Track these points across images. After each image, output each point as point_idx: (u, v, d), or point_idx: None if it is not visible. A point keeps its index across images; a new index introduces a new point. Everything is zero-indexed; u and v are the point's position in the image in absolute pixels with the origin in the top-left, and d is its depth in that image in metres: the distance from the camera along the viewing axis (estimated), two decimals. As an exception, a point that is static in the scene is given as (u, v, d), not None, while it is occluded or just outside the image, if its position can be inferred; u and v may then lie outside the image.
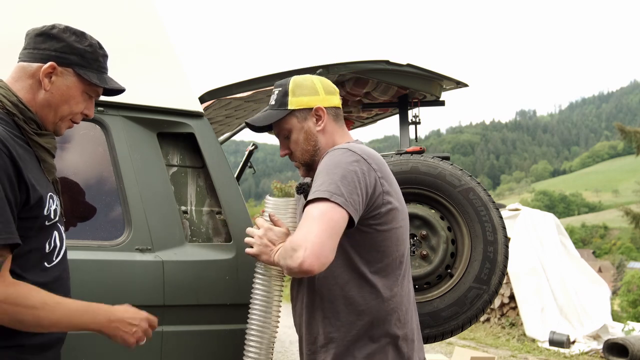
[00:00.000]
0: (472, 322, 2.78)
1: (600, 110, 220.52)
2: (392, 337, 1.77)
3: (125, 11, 2.36)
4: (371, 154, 1.80)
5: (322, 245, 1.60)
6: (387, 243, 1.78)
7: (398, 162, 2.86)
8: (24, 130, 1.52)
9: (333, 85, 1.97)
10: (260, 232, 1.85)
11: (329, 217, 1.63)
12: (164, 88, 2.25)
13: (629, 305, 20.76)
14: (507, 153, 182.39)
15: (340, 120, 1.94)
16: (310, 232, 1.62)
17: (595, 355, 7.92)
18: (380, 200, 1.75)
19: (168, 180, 2.18)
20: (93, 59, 1.59)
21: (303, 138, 1.89)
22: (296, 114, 1.88)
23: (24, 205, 1.45)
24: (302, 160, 1.92)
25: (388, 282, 1.78)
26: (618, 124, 16.20)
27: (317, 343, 1.80)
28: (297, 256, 1.60)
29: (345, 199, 1.65)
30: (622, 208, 16.23)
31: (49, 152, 1.59)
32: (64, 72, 1.56)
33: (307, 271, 1.61)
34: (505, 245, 2.83)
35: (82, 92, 1.60)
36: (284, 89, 1.91)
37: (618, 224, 66.37)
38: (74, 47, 1.56)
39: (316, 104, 1.88)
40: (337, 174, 1.69)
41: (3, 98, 1.52)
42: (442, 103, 3.42)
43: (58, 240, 1.58)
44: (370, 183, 1.73)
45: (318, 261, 1.60)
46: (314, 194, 1.68)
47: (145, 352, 1.98)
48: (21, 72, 1.56)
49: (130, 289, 1.98)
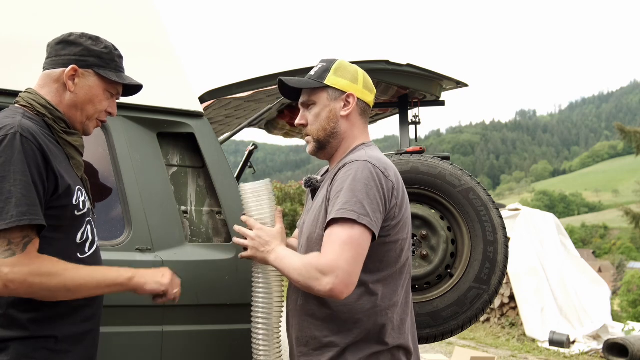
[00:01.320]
0: (472, 322, 2.78)
1: (600, 110, 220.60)
2: (388, 346, 1.76)
3: (125, 11, 2.36)
4: (388, 165, 1.80)
5: (352, 274, 1.66)
6: (392, 254, 1.79)
7: (398, 162, 2.86)
8: (53, 130, 1.64)
9: (373, 85, 1.97)
10: (252, 234, 1.86)
11: (359, 243, 1.67)
12: (164, 88, 2.25)
13: (629, 305, 20.78)
14: (507, 153, 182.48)
15: (365, 118, 1.94)
16: (342, 258, 1.65)
17: (595, 355, 7.92)
18: (393, 214, 1.77)
19: (168, 180, 2.18)
20: (110, 59, 1.72)
21: (326, 116, 1.88)
22: (329, 90, 1.89)
23: (53, 194, 1.54)
24: (316, 136, 1.90)
25: (388, 292, 1.78)
26: (618, 124, 16.20)
27: (311, 346, 1.80)
28: (326, 282, 1.64)
29: (371, 218, 1.68)
30: (622, 208, 16.22)
31: (77, 150, 1.70)
32: (85, 73, 1.68)
33: (335, 297, 1.67)
34: (505, 245, 2.83)
35: (104, 90, 1.72)
36: (328, 66, 1.92)
37: (618, 224, 66.41)
38: (91, 50, 1.69)
39: (351, 91, 1.89)
40: (362, 192, 1.70)
41: (32, 101, 1.64)
42: (442, 103, 3.42)
43: (90, 233, 1.68)
44: (388, 197, 1.74)
45: (347, 289, 1.66)
46: (339, 212, 1.69)
47: (145, 352, 1.98)
48: (47, 79, 1.68)
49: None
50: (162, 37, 2.37)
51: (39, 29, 1.73)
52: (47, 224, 1.51)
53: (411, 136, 3.40)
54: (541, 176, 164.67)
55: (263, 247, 1.83)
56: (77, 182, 1.64)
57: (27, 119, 1.57)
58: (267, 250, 1.82)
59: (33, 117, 1.61)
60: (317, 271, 1.66)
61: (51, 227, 1.53)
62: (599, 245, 69.62)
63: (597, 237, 77.35)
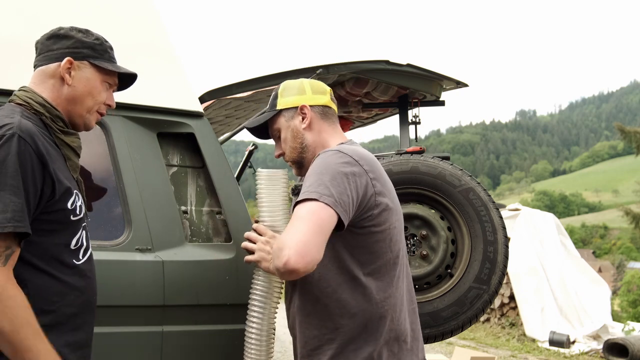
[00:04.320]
0: (472, 322, 2.78)
1: (600, 110, 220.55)
2: (386, 339, 1.76)
3: (125, 11, 2.36)
4: (363, 155, 1.79)
5: (307, 243, 1.58)
6: (381, 244, 1.77)
7: (398, 162, 2.86)
8: (51, 129, 1.59)
9: (324, 86, 2.00)
10: (263, 239, 1.84)
11: (317, 216, 1.62)
12: (164, 88, 2.25)
13: (629, 305, 20.78)
14: (507, 153, 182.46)
15: (329, 119, 1.96)
16: (296, 231, 1.61)
17: (595, 355, 7.92)
18: (373, 202, 1.75)
19: (168, 180, 2.18)
20: (102, 50, 1.69)
21: (290, 136, 1.93)
22: (284, 113, 1.95)
23: (50, 199, 1.50)
24: (291, 158, 1.96)
25: (382, 284, 1.77)
26: (618, 124, 16.20)
27: (311, 346, 1.80)
28: (282, 255, 1.58)
29: (335, 199, 1.65)
30: (622, 208, 16.22)
31: (75, 151, 1.66)
32: (80, 65, 1.65)
33: (292, 270, 1.58)
34: (505, 245, 2.83)
35: (101, 81, 1.68)
36: (275, 93, 1.99)
37: (618, 224, 66.39)
38: (83, 41, 1.66)
39: (301, 103, 1.93)
40: (327, 175, 1.69)
41: (29, 100, 1.60)
42: (442, 103, 3.43)
43: (85, 240, 1.62)
44: (361, 185, 1.72)
45: (303, 260, 1.57)
46: (303, 195, 1.68)
47: (145, 352, 1.98)
48: (41, 75, 1.64)
49: (130, 289, 1.98)
50: (162, 37, 2.37)
51: (40, 30, 1.72)
52: (42, 228, 1.47)
53: (411, 136, 3.40)
54: (541, 176, 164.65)
55: (269, 255, 1.80)
56: (74, 185, 1.60)
57: (26, 118, 1.53)
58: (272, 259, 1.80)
59: (31, 117, 1.56)
60: (277, 249, 1.62)
61: (46, 232, 1.49)
62: (599, 245, 69.60)
63: (597, 237, 77.32)
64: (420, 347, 1.88)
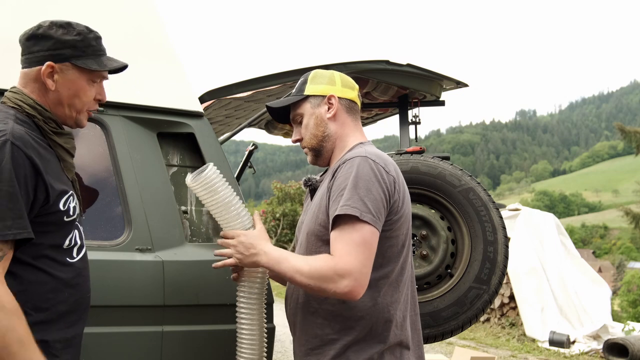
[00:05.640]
0: (472, 322, 2.79)
1: (600, 110, 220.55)
2: (390, 344, 1.76)
3: (126, 11, 2.36)
4: (388, 160, 1.81)
5: (367, 275, 1.68)
6: (394, 249, 1.78)
7: (398, 162, 2.86)
8: (44, 131, 1.57)
9: (353, 82, 2.00)
10: (234, 242, 1.82)
11: (370, 243, 1.68)
12: (164, 88, 2.25)
13: (629, 305, 20.77)
14: (507, 153, 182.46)
15: (354, 114, 1.96)
16: (357, 260, 1.66)
17: (595, 355, 7.92)
18: (395, 208, 1.77)
19: (168, 180, 2.18)
20: (86, 45, 1.61)
21: (313, 123, 1.92)
22: (310, 99, 1.93)
23: (44, 205, 1.49)
24: (309, 145, 1.93)
25: (390, 289, 1.77)
26: (618, 124, 16.21)
27: (312, 344, 1.79)
28: (345, 284, 1.65)
29: (373, 215, 1.68)
30: (622, 208, 16.24)
31: (68, 152, 1.64)
32: (62, 67, 1.58)
33: (352, 299, 1.69)
34: (505, 245, 2.83)
35: (87, 81, 1.62)
36: (305, 78, 1.98)
37: (618, 224, 66.40)
38: (64, 41, 1.58)
39: (330, 93, 1.92)
40: (363, 188, 1.70)
41: (21, 102, 1.57)
42: (442, 103, 3.43)
43: (78, 238, 1.62)
44: (391, 192, 1.75)
45: (363, 290, 1.68)
46: (342, 209, 1.68)
47: (145, 352, 1.98)
48: (26, 78, 1.60)
49: (130, 289, 1.98)
50: (162, 37, 2.37)
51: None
52: (35, 230, 1.47)
53: (411, 136, 3.40)
54: (541, 176, 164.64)
55: (248, 250, 1.79)
56: (68, 186, 1.59)
57: (19, 123, 1.51)
58: (253, 253, 1.78)
59: (24, 119, 1.54)
60: (334, 273, 1.66)
61: (39, 233, 1.48)
62: (599, 245, 69.59)
63: (597, 237, 77.32)
64: (421, 355, 1.89)
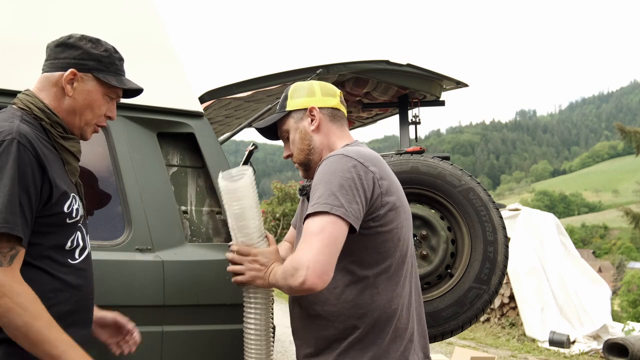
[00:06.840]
0: (472, 322, 2.79)
1: (600, 110, 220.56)
2: (393, 338, 1.76)
3: (126, 11, 2.36)
4: (368, 155, 1.78)
5: (324, 263, 1.62)
6: (389, 244, 1.77)
7: (398, 162, 2.86)
8: (50, 134, 1.61)
9: (334, 88, 1.99)
10: (249, 258, 1.81)
11: (329, 232, 1.64)
12: (164, 88, 2.25)
13: (629, 305, 20.77)
14: (507, 153, 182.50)
15: (338, 122, 1.95)
16: (312, 249, 1.62)
17: (595, 355, 7.92)
18: (379, 202, 1.74)
19: (168, 180, 2.18)
20: (110, 62, 1.68)
21: (298, 137, 1.92)
22: (293, 115, 1.94)
23: (47, 203, 1.52)
24: (298, 160, 1.94)
25: (390, 284, 1.77)
26: (618, 124, 16.21)
27: (317, 346, 1.79)
28: (298, 275, 1.61)
29: (345, 209, 1.65)
30: (622, 208, 16.23)
31: (74, 156, 1.67)
32: (84, 77, 1.65)
33: (309, 290, 1.62)
34: (505, 245, 2.83)
35: (103, 95, 1.68)
36: (285, 94, 1.98)
37: (618, 224, 66.40)
38: (91, 53, 1.65)
39: (310, 105, 1.92)
40: (335, 184, 1.68)
41: (30, 104, 1.61)
42: (442, 103, 3.43)
43: (81, 240, 1.64)
44: (369, 186, 1.72)
45: (320, 280, 1.61)
46: (313, 207, 1.68)
47: (145, 352, 1.98)
48: (45, 82, 1.65)
49: (130, 289, 1.98)
50: (162, 37, 2.37)
51: (40, 31, 1.72)
52: (37, 230, 1.49)
53: (411, 136, 3.40)
54: (541, 176, 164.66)
55: (263, 272, 1.79)
56: (71, 188, 1.61)
57: (25, 123, 1.54)
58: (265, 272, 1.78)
59: (30, 121, 1.57)
60: (291, 268, 1.64)
61: (41, 234, 1.51)
62: (599, 245, 69.60)
63: (597, 237, 77.33)
64: (426, 345, 1.88)
